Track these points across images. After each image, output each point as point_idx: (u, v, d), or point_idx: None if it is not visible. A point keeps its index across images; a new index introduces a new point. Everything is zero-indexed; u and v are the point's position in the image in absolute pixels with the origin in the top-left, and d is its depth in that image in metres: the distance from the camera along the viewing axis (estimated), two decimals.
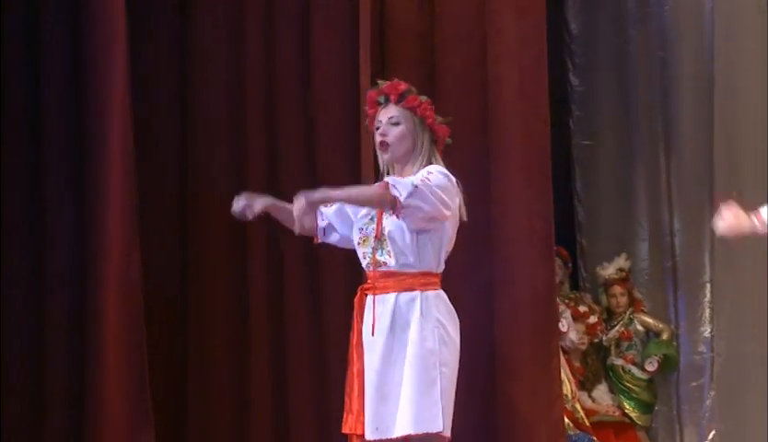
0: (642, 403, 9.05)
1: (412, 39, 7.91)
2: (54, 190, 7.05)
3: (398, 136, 5.01)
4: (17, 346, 6.86)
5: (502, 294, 7.58)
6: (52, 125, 7.10)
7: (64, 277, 6.98)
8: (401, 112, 5.04)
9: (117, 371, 6.78)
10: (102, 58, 6.96)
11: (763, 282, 8.68)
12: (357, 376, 4.96)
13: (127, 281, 6.86)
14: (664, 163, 9.36)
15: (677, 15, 9.31)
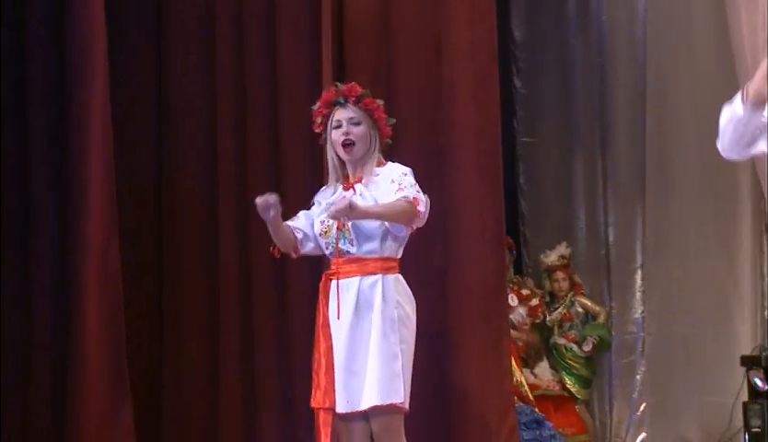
0: (582, 379, 9.04)
1: (368, 44, 7.85)
2: (37, 187, 6.96)
3: (360, 135, 5.05)
4: (3, 333, 6.77)
5: (455, 280, 7.60)
6: (35, 126, 7.00)
7: (48, 268, 6.90)
8: (359, 113, 5.05)
9: (97, 354, 6.69)
10: (83, 61, 6.86)
11: (690, 268, 8.72)
12: (325, 354, 4.96)
13: (106, 272, 6.77)
14: (600, 160, 9.37)
15: (613, 25, 9.31)
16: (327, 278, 5.01)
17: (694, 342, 8.65)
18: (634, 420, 8.89)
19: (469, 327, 7.71)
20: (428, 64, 7.83)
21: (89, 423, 6.66)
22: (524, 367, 8.74)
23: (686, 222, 8.70)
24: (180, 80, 7.84)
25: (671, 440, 8.61)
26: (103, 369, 6.71)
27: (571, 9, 9.50)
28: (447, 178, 7.61)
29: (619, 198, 9.24)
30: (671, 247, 8.86)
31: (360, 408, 4.85)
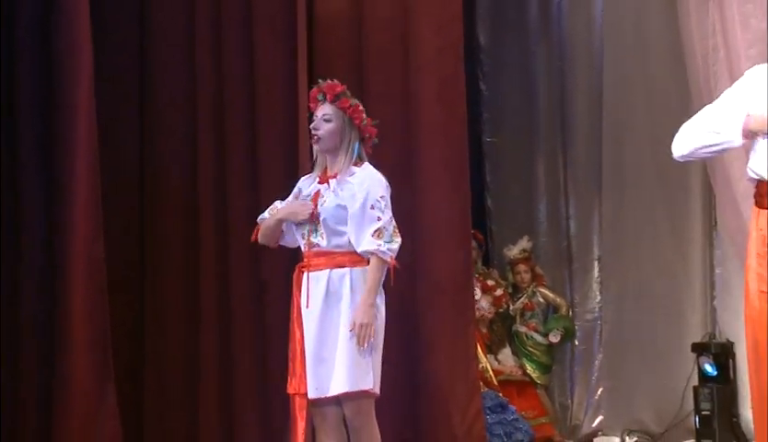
0: (542, 365, 9.05)
1: (339, 47, 7.84)
2: (26, 185, 6.95)
3: (328, 132, 5.01)
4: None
5: (424, 272, 7.64)
6: (24, 126, 6.99)
7: (37, 255, 6.90)
8: (334, 111, 5.05)
9: (83, 335, 6.70)
10: (70, 64, 6.86)
11: (644, 260, 8.70)
12: (299, 343, 4.94)
13: (92, 258, 6.76)
14: (561, 158, 9.37)
15: (573, 32, 9.30)
16: (299, 270, 4.99)
17: (648, 330, 8.62)
18: (591, 403, 8.87)
19: (437, 316, 7.73)
20: (397, 67, 7.84)
21: (75, 404, 6.65)
22: (488, 354, 8.73)
23: (640, 217, 8.72)
24: (162, 81, 7.81)
25: (627, 422, 8.56)
26: (88, 354, 6.69)
27: (533, 17, 9.50)
28: (415, 175, 7.62)
29: (578, 194, 9.23)
30: (627, 240, 8.83)
31: (328, 394, 4.83)
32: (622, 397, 8.66)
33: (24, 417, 6.73)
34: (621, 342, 8.76)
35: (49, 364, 6.71)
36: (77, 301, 6.66)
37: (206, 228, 7.58)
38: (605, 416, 8.72)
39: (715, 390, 7.87)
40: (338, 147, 4.97)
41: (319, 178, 5.01)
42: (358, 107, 5.06)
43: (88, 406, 6.63)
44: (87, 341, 6.66)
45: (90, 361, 6.66)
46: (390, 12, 7.89)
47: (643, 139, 8.65)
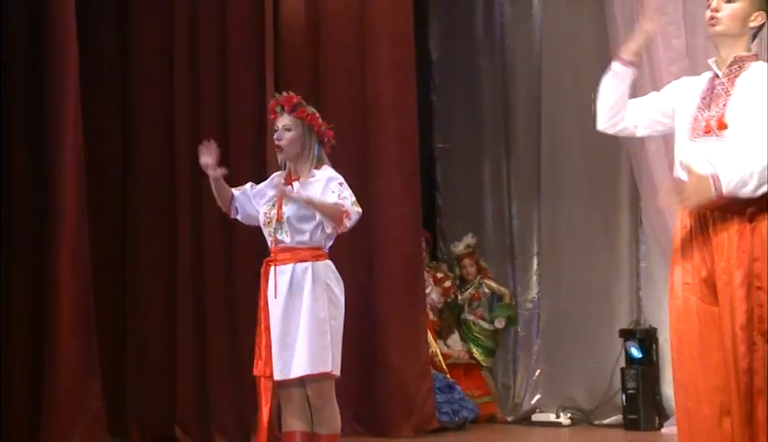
0: (487, 349, 9.06)
1: (301, 62, 7.90)
2: (20, 178, 6.88)
3: (289, 140, 4.93)
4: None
5: (379, 265, 7.67)
6: (15, 127, 6.91)
7: (28, 247, 6.83)
8: (293, 120, 4.97)
9: (69, 324, 6.65)
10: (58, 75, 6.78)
11: (577, 254, 8.72)
12: (265, 330, 4.86)
13: (78, 250, 6.72)
14: (504, 162, 9.35)
15: (514, 48, 9.30)
16: (267, 264, 4.90)
17: (581, 317, 8.64)
18: (530, 383, 8.89)
19: (391, 305, 7.81)
20: (355, 80, 7.96)
21: (62, 387, 6.60)
22: (438, 340, 8.75)
23: (574, 215, 8.76)
24: (141, 91, 7.78)
25: (561, 400, 8.58)
26: (75, 341, 6.64)
27: (479, 35, 9.49)
28: (371, 176, 7.71)
29: (520, 195, 9.22)
30: (562, 237, 8.86)
31: (291, 376, 4.77)
32: (557, 377, 8.70)
33: (14, 399, 6.65)
34: (556, 328, 8.79)
35: (38, 351, 6.66)
36: (64, 293, 6.61)
37: (183, 226, 7.56)
38: (542, 395, 8.74)
39: (640, 371, 7.92)
40: (300, 153, 4.92)
41: (284, 180, 5.00)
42: (315, 114, 4.97)
43: (74, 389, 6.60)
44: (73, 329, 6.61)
45: (76, 348, 6.62)
46: (349, 28, 7.95)
47: (576, 145, 8.70)
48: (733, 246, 3.69)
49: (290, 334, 4.77)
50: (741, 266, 3.68)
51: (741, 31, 3.82)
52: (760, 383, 3.62)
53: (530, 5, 9.11)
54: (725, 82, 3.81)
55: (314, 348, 4.74)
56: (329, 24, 7.96)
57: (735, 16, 3.80)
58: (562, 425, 8.38)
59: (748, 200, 3.68)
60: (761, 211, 3.70)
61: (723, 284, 3.70)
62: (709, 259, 3.74)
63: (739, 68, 3.81)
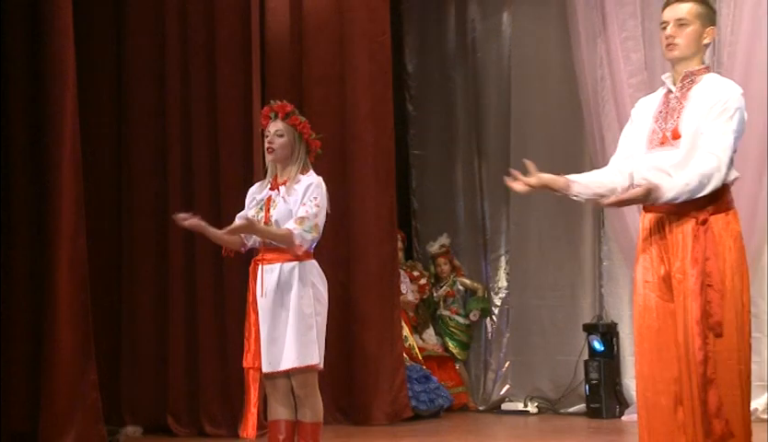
0: (462, 343, 9.08)
1: (287, 74, 7.89)
2: (20, 188, 6.85)
3: (281, 145, 4.91)
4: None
5: (357, 264, 7.67)
6: (16, 138, 6.89)
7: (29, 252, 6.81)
8: (285, 127, 4.94)
9: (68, 319, 6.61)
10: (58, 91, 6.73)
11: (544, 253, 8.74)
12: (254, 325, 4.84)
13: (75, 254, 6.68)
14: (477, 167, 9.34)
15: (486, 61, 9.28)
16: (255, 263, 4.86)
17: (547, 313, 8.67)
18: (500, 375, 8.90)
19: (368, 302, 7.82)
20: (335, 90, 7.95)
21: (61, 378, 6.58)
22: (414, 334, 8.76)
23: (541, 217, 8.75)
24: (136, 101, 7.77)
25: (529, 390, 8.61)
26: (73, 335, 6.62)
27: (452, 49, 9.48)
28: (350, 182, 7.73)
29: (491, 198, 9.21)
30: (530, 237, 8.86)
31: (280, 368, 4.75)
32: (525, 369, 8.72)
33: (14, 390, 6.65)
34: (524, 323, 8.81)
35: (37, 344, 6.64)
36: (62, 290, 6.58)
37: (175, 228, 7.36)
38: (511, 385, 8.76)
39: (602, 364, 7.96)
40: (288, 158, 4.88)
41: (270, 184, 4.99)
42: (306, 123, 4.96)
43: (72, 380, 6.58)
44: (71, 324, 6.59)
45: (73, 342, 6.59)
46: (330, 42, 7.95)
47: (542, 152, 8.61)
48: (687, 247, 3.73)
49: (278, 329, 4.76)
50: (695, 265, 3.71)
51: (696, 50, 3.87)
52: (711, 373, 3.66)
53: (500, 21, 9.12)
54: (678, 96, 3.85)
55: (301, 342, 4.73)
56: (311, 38, 7.95)
57: (689, 39, 3.85)
58: (529, 414, 8.41)
59: (701, 204, 3.73)
60: (714, 213, 3.75)
61: (678, 281, 3.74)
62: (666, 258, 3.78)
63: (692, 82, 3.85)
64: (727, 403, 3.67)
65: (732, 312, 3.71)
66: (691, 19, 3.84)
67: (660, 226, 3.80)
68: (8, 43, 6.85)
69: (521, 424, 8.04)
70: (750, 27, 7.37)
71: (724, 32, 7.37)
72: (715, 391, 3.65)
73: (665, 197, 3.67)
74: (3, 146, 6.82)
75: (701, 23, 3.85)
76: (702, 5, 3.88)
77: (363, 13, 7.92)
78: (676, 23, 3.84)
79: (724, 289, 3.71)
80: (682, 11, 3.84)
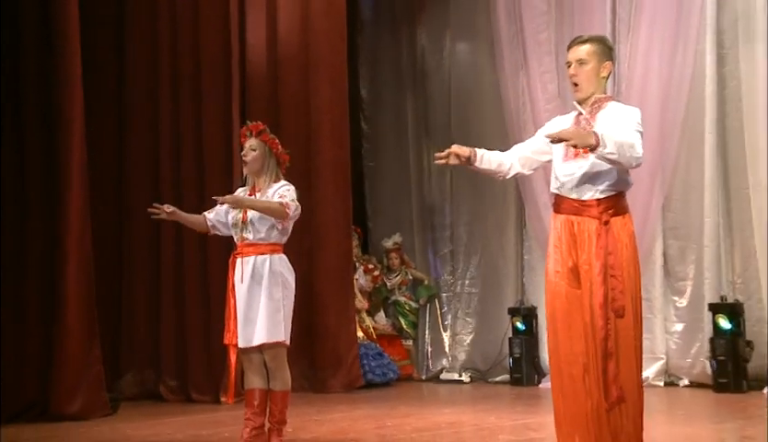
0: (413, 323, 9.09)
1: (263, 101, 7.85)
2: (35, 191, 6.79)
3: (253, 158, 4.91)
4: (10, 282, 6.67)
5: (319, 258, 7.70)
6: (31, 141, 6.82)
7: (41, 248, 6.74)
8: (257, 143, 4.94)
9: (75, 305, 6.61)
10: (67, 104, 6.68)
11: (477, 250, 8.77)
12: (232, 308, 4.84)
13: (82, 250, 6.68)
14: (423, 176, 9.31)
15: (431, 87, 9.22)
16: (234, 256, 4.86)
17: (479, 299, 8.73)
18: (440, 350, 8.93)
19: (327, 289, 7.86)
20: (302, 114, 7.94)
21: (70, 354, 6.57)
22: (369, 316, 8.75)
23: (475, 219, 8.82)
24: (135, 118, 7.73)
25: (464, 363, 8.66)
26: (79, 319, 6.61)
27: (402, 76, 9.43)
28: (313, 188, 7.72)
29: (436, 203, 9.18)
30: (467, 236, 8.86)
31: (253, 344, 4.76)
32: (460, 346, 8.77)
33: (30, 365, 6.62)
34: (460, 307, 8.85)
35: (50, 326, 6.61)
36: (71, 282, 6.57)
37: (166, 229, 7.50)
38: (449, 359, 8.81)
39: (523, 341, 8.04)
40: (260, 169, 4.88)
41: (248, 191, 4.99)
42: (275, 140, 4.95)
43: (79, 355, 6.57)
44: (78, 309, 6.58)
45: (80, 323, 6.58)
46: (298, 72, 8.00)
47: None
48: (593, 243, 3.77)
49: (252, 311, 4.76)
50: (599, 259, 3.74)
51: (597, 83, 3.90)
52: (611, 348, 3.72)
53: (442, 54, 9.12)
54: (588, 117, 3.90)
55: (270, 322, 4.74)
56: (283, 69, 7.98)
57: (589, 76, 3.87)
58: (463, 382, 8.46)
59: (603, 208, 3.79)
60: (614, 215, 3.80)
61: (584, 272, 3.77)
62: (574, 253, 3.81)
63: (599, 107, 3.89)
64: (624, 372, 3.71)
65: (629, 297, 3.74)
66: (588, 58, 3.88)
67: (570, 226, 3.83)
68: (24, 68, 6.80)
69: (457, 391, 8.07)
70: (643, 61, 7.50)
71: (623, 67, 7.49)
72: (614, 363, 3.69)
73: (604, 145, 3.59)
74: (21, 162, 6.78)
75: (597, 60, 3.88)
76: (598, 44, 3.91)
77: (325, 48, 7.97)
78: (577, 63, 3.89)
79: (623, 278, 3.75)
80: (581, 52, 3.89)
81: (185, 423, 6.20)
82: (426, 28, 9.18)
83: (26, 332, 6.64)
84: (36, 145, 6.77)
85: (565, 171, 3.85)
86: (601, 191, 3.79)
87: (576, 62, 3.89)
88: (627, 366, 3.72)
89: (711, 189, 7.39)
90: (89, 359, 6.59)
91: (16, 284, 6.68)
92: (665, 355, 7.59)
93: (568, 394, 3.77)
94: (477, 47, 8.82)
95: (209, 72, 7.55)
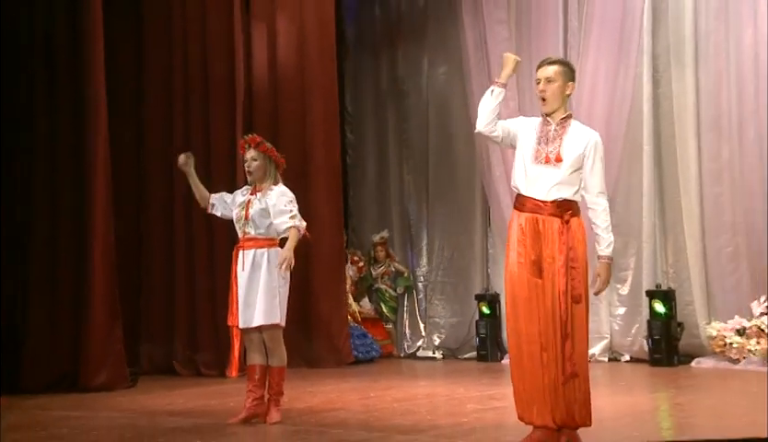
0: (393, 308, 9.01)
1: (266, 115, 7.79)
2: (65, 194, 6.75)
3: (256, 167, 4.88)
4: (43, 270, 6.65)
5: (315, 251, 7.65)
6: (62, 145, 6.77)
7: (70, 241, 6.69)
8: (257, 153, 4.90)
9: (101, 292, 6.57)
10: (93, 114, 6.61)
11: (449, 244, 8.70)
12: (235, 294, 4.83)
13: (106, 242, 6.64)
14: (403, 181, 9.16)
15: (410, 101, 9.10)
16: (237, 248, 4.86)
17: (450, 287, 8.70)
18: (417, 332, 8.87)
19: (321, 279, 7.85)
20: (299, 126, 7.91)
21: (95, 334, 6.54)
22: (355, 302, 8.71)
23: (448, 219, 8.77)
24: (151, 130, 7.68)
25: (439, 343, 8.62)
26: (104, 303, 6.57)
27: (381, 93, 9.32)
28: (308, 191, 7.66)
29: (414, 204, 9.08)
30: (440, 233, 8.79)
31: (252, 325, 4.75)
32: (434, 327, 8.76)
33: (63, 343, 6.59)
34: (435, 294, 8.82)
35: (79, 309, 6.57)
36: (97, 271, 6.53)
37: (179, 224, 7.52)
38: (425, 340, 8.77)
39: (488, 323, 8.07)
40: (263, 176, 4.85)
41: (250, 191, 4.93)
42: (272, 148, 4.92)
43: (104, 335, 6.54)
44: (103, 295, 6.54)
45: (105, 308, 6.55)
46: (295, 90, 8.00)
47: (450, 171, 8.73)
48: (556, 239, 3.76)
49: (251, 297, 4.75)
50: (562, 253, 3.74)
51: (561, 100, 3.89)
52: (569, 330, 3.72)
53: (420, 75, 9.02)
54: (558, 129, 3.86)
55: (268, 306, 4.72)
56: (282, 86, 7.98)
57: (555, 93, 3.86)
58: (436, 359, 8.46)
59: (565, 210, 3.78)
60: (573, 216, 3.80)
61: (548, 264, 3.76)
62: (538, 247, 3.79)
63: (565, 123, 3.87)
64: (578, 351, 3.73)
65: (583, 286, 3.76)
66: (556, 77, 3.86)
67: (534, 223, 3.80)
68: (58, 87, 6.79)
69: (431, 367, 8.10)
70: (590, 82, 7.55)
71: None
72: (571, 343, 3.70)
73: (608, 244, 3.82)
74: (54, 164, 6.76)
75: (563, 80, 3.88)
76: (564, 66, 3.91)
77: (317, 70, 7.96)
78: (545, 80, 3.87)
79: (580, 270, 3.74)
80: (550, 71, 3.87)
81: (195, 394, 6.21)
82: (404, 52, 9.18)
83: (58, 314, 6.64)
84: (66, 149, 6.77)
85: (534, 173, 3.81)
86: (564, 198, 3.80)
87: (544, 79, 3.88)
88: (580, 345, 3.74)
89: (648, 193, 7.55)
90: (112, 338, 6.57)
91: (48, 272, 6.68)
92: (609, 335, 7.69)
93: (527, 370, 3.76)
94: (449, 69, 8.84)
95: (217, 89, 7.54)
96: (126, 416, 5.23)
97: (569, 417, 3.73)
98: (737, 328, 6.87)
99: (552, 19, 7.74)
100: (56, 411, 5.50)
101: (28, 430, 4.80)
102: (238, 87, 7.46)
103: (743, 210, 7.13)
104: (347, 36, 9.49)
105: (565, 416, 3.72)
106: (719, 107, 7.25)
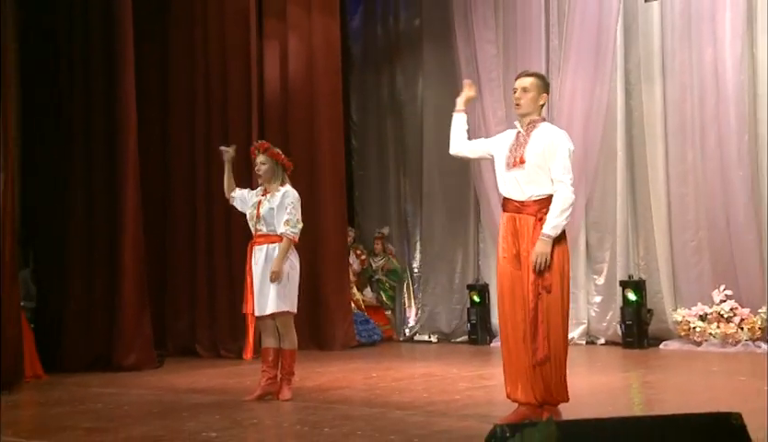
0: (391, 297, 9.01)
1: (277, 122, 7.76)
2: (98, 187, 6.79)
3: (265, 171, 4.87)
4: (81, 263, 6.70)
5: (321, 246, 7.68)
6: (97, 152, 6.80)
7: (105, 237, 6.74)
8: (266, 158, 4.88)
9: (130, 283, 6.63)
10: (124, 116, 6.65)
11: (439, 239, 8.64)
12: (250, 285, 4.83)
13: (136, 237, 6.69)
14: (402, 181, 9.09)
15: (406, 110, 9.07)
16: (251, 244, 4.86)
17: (444, 278, 8.66)
18: (413, 318, 8.88)
19: (327, 271, 7.85)
20: (307, 133, 7.89)
21: (127, 320, 6.58)
22: (358, 291, 8.70)
23: (443, 217, 8.72)
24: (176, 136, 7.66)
25: (433, 328, 8.61)
26: (133, 292, 6.61)
27: (383, 104, 9.26)
28: (316, 192, 7.68)
29: (411, 204, 9.05)
30: (435, 229, 8.76)
31: (266, 313, 4.74)
32: (430, 314, 8.73)
33: (98, 327, 6.64)
34: (430, 284, 8.80)
35: (112, 298, 6.62)
36: (128, 263, 6.57)
37: (200, 223, 7.53)
38: (421, 325, 8.76)
39: (478, 310, 8.08)
40: (271, 178, 4.84)
41: (262, 192, 4.90)
42: (279, 153, 4.88)
43: (134, 321, 6.59)
44: (133, 285, 6.59)
45: (135, 296, 6.60)
46: (304, 99, 7.98)
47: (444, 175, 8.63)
48: (530, 234, 3.74)
49: (265, 287, 4.75)
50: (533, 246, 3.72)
51: (535, 108, 3.88)
52: (540, 316, 3.69)
53: (416, 88, 8.99)
54: (524, 135, 3.88)
55: (279, 295, 4.71)
56: (293, 96, 7.96)
57: (529, 102, 3.85)
58: (432, 343, 8.46)
59: (538, 207, 3.75)
60: (545, 214, 3.74)
61: (524, 257, 3.75)
62: (517, 242, 3.79)
63: (533, 127, 3.86)
64: (554, 336, 3.68)
65: (558, 276, 3.70)
66: (531, 88, 3.86)
67: (513, 221, 3.81)
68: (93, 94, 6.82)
69: (426, 349, 8.09)
70: (570, 94, 7.57)
71: (554, 97, 7.53)
72: (543, 328, 3.66)
73: (553, 231, 3.65)
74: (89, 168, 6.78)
75: (537, 91, 3.87)
76: (539, 79, 3.90)
77: (325, 82, 7.96)
78: (521, 89, 3.88)
79: (553, 262, 3.71)
80: (526, 82, 3.87)
81: (216, 374, 6.23)
82: (402, 68, 9.17)
83: (94, 302, 6.69)
84: (101, 155, 6.78)
85: (507, 179, 3.82)
86: (537, 195, 3.79)
87: (520, 88, 3.89)
88: (555, 331, 3.69)
89: (622, 194, 7.57)
90: (142, 323, 6.61)
91: (85, 265, 6.73)
92: (586, 321, 7.71)
93: (513, 352, 3.77)
94: (443, 83, 8.77)
95: (234, 99, 7.55)
96: (154, 393, 5.28)
97: (548, 394, 3.72)
98: (700, 314, 6.92)
99: (535, 39, 7.77)
100: (93, 388, 5.57)
101: (68, 404, 4.90)
102: (253, 98, 7.48)
103: (705, 208, 7.17)
104: (353, 52, 9.48)
105: (545, 394, 3.72)
106: (684, 116, 7.30)
